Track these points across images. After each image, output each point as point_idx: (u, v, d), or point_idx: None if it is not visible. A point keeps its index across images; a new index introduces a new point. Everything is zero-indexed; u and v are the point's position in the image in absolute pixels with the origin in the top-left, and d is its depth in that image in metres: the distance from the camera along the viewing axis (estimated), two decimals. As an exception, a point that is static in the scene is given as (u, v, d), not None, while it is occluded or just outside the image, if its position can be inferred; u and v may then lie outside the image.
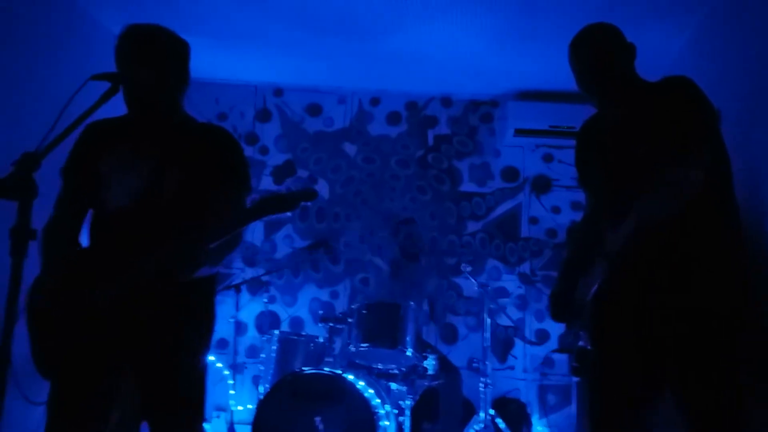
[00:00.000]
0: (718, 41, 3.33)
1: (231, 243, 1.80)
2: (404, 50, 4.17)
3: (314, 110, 4.94)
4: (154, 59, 1.80)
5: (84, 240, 1.89)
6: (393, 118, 4.94)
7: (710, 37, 3.45)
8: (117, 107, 1.85)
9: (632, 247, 1.78)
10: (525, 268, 4.72)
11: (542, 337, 4.61)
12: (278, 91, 4.94)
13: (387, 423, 3.21)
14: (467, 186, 4.84)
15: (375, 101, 4.95)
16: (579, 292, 1.95)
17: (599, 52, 1.95)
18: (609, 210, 1.93)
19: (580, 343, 1.96)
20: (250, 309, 4.55)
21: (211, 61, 4.42)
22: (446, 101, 4.94)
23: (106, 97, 1.59)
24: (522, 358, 4.59)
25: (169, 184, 1.79)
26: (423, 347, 3.52)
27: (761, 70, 2.85)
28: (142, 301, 1.67)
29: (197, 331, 1.81)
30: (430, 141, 4.91)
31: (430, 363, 3.41)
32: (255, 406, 3.19)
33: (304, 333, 4.10)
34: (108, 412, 1.73)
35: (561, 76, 4.11)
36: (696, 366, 1.78)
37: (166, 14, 3.11)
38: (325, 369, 3.20)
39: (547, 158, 4.86)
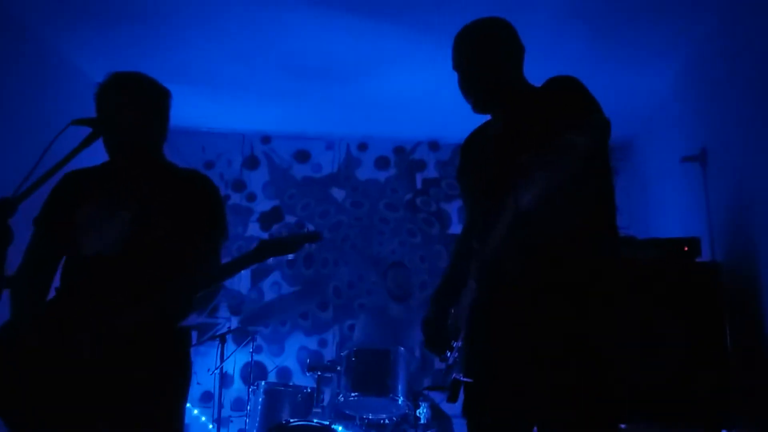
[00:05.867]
0: (705, 79, 3.37)
1: (215, 290, 1.76)
2: (390, 95, 4.20)
3: (302, 156, 4.95)
4: (135, 103, 1.79)
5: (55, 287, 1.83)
6: (381, 163, 4.95)
7: (696, 76, 3.50)
8: (96, 154, 1.82)
9: (507, 252, 1.51)
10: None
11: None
12: (266, 139, 4.95)
13: (378, 476, 3.09)
14: (456, 228, 4.82)
15: (363, 146, 4.97)
16: (455, 315, 1.67)
17: (474, 54, 1.72)
18: (486, 219, 1.60)
19: (455, 375, 1.62)
20: (236, 360, 4.43)
21: (198, 110, 4.43)
22: (434, 145, 4.97)
23: (86, 143, 1.56)
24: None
25: (150, 231, 1.75)
26: (415, 395, 3.42)
27: (747, 108, 2.88)
28: (117, 352, 1.61)
29: (173, 382, 1.74)
30: (419, 184, 4.91)
31: (422, 411, 3.30)
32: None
33: (291, 383, 4.00)
34: None
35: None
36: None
37: (151, 63, 3.11)
38: (313, 420, 3.09)
39: (536, 200, 4.86)
